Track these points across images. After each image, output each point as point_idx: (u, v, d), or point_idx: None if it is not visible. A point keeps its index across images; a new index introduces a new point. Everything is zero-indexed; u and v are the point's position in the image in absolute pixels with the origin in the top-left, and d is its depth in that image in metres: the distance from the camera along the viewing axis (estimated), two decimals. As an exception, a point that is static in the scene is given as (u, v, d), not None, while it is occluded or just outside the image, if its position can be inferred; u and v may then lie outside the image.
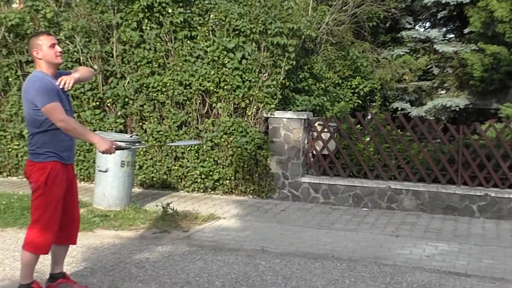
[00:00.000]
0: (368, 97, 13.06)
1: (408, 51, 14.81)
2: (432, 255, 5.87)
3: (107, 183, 7.39)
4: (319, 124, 8.68)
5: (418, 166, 8.19)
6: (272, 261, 5.48)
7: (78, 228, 4.41)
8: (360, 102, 11.98)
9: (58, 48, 4.13)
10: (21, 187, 8.76)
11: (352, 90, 11.82)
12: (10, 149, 9.48)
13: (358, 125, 8.91)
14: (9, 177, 9.66)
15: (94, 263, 5.19)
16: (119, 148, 4.08)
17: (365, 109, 13.31)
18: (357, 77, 11.83)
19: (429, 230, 6.97)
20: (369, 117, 12.26)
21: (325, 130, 8.58)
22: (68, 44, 9.08)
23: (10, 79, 9.42)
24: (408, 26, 15.64)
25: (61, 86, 4.12)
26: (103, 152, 4.04)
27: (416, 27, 16.49)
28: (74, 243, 4.40)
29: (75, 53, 9.04)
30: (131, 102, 9.00)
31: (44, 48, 4.07)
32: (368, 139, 8.68)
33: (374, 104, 13.19)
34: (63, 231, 4.20)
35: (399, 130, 8.57)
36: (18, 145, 9.41)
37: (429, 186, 8.00)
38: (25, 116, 4.13)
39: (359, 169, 8.69)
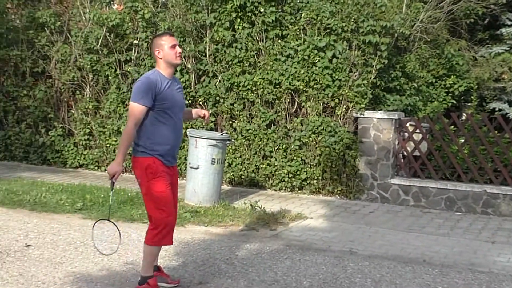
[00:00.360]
0: (463, 97, 12.53)
1: (508, 48, 14.03)
2: (532, 265, 5.56)
3: (198, 180, 7.59)
4: (410, 125, 8.44)
5: (517, 170, 7.78)
6: (360, 263, 5.40)
7: (174, 224, 4.46)
8: (455, 102, 11.51)
9: (178, 49, 4.22)
10: (118, 181, 9.05)
11: (446, 90, 11.38)
12: (108, 145, 9.95)
13: (452, 126, 8.59)
14: (106, 171, 10.12)
15: (185, 257, 5.35)
16: (112, 182, 4.17)
17: (459, 110, 12.78)
18: (452, 76, 11.38)
19: (528, 238, 6.60)
20: (463, 117, 11.77)
21: (417, 130, 8.34)
22: (164, 44, 9.39)
23: (110, 78, 9.88)
24: (509, 23, 14.80)
25: (205, 123, 4.73)
26: (108, 171, 4.12)
27: (517, 24, 15.60)
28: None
29: (170, 53, 9.33)
30: (222, 100, 9.18)
31: (166, 48, 4.17)
32: (463, 140, 8.33)
33: (469, 104, 12.63)
34: None
35: (496, 132, 8.17)
36: (116, 140, 9.85)
37: (529, 192, 7.58)
38: None
39: (452, 171, 8.37)
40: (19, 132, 10.58)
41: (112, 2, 10.35)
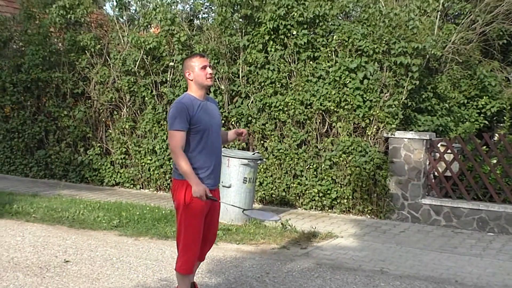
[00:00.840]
0: (495, 118, 12.33)
1: (541, 69, 13.79)
2: None
3: (230, 198, 7.63)
4: (442, 145, 8.36)
5: (551, 192, 7.60)
6: (391, 283, 5.35)
7: (209, 249, 4.37)
8: (487, 123, 11.34)
9: (209, 70, 4.09)
10: (153, 199, 9.30)
11: (478, 110, 11.23)
12: (143, 163, 10.09)
13: (484, 147, 8.46)
14: (141, 189, 10.28)
15: (218, 275, 5.39)
16: (209, 197, 3.97)
17: (492, 130, 12.58)
18: (484, 97, 11.23)
19: None
20: (496, 138, 11.57)
21: (448, 151, 8.25)
22: (198, 66, 9.54)
23: (146, 98, 10.06)
24: (542, 43, 14.58)
25: (242, 139, 4.45)
26: (195, 195, 3.92)
27: (551, 44, 15.32)
28: (201, 259, 4.39)
29: (204, 74, 9.47)
30: (254, 120, 9.26)
31: (196, 70, 4.08)
32: (495, 161, 8.20)
33: (502, 125, 12.42)
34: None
35: (530, 153, 8.02)
36: (151, 159, 10.00)
37: None
38: None
39: (484, 192, 8.24)
40: (59, 151, 10.84)
41: (149, 26, 10.56)
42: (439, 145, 8.37)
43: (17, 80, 11.05)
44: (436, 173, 8.39)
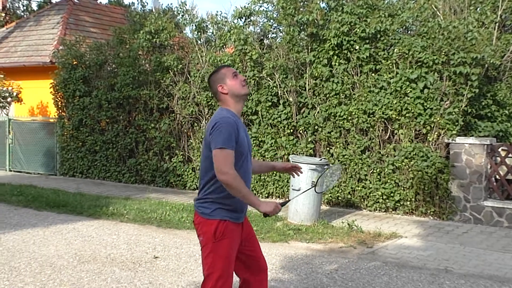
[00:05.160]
0: (556, 123, 11.57)
1: None
2: None
3: (299, 201, 7.57)
4: (503, 150, 7.93)
5: None
6: (456, 281, 5.10)
7: (266, 277, 3.36)
8: (548, 127, 10.67)
9: (241, 77, 3.26)
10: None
11: (539, 116, 10.58)
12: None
13: (546, 151, 7.95)
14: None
15: (290, 271, 5.33)
16: (284, 204, 3.15)
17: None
18: (544, 103, 10.57)
19: None
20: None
21: (510, 155, 7.80)
22: (269, 81, 9.58)
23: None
24: None
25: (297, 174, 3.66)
26: (266, 213, 3.03)
27: None
28: None
29: (274, 88, 9.49)
30: (320, 129, 9.15)
31: (228, 81, 3.22)
32: (557, 165, 7.68)
33: None
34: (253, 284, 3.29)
35: None
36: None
37: None
38: (201, 161, 3.32)
39: (546, 195, 7.73)
40: (147, 159, 11.16)
41: (224, 46, 10.71)
42: (500, 149, 7.94)
43: (111, 98, 11.50)
44: (497, 177, 7.96)
